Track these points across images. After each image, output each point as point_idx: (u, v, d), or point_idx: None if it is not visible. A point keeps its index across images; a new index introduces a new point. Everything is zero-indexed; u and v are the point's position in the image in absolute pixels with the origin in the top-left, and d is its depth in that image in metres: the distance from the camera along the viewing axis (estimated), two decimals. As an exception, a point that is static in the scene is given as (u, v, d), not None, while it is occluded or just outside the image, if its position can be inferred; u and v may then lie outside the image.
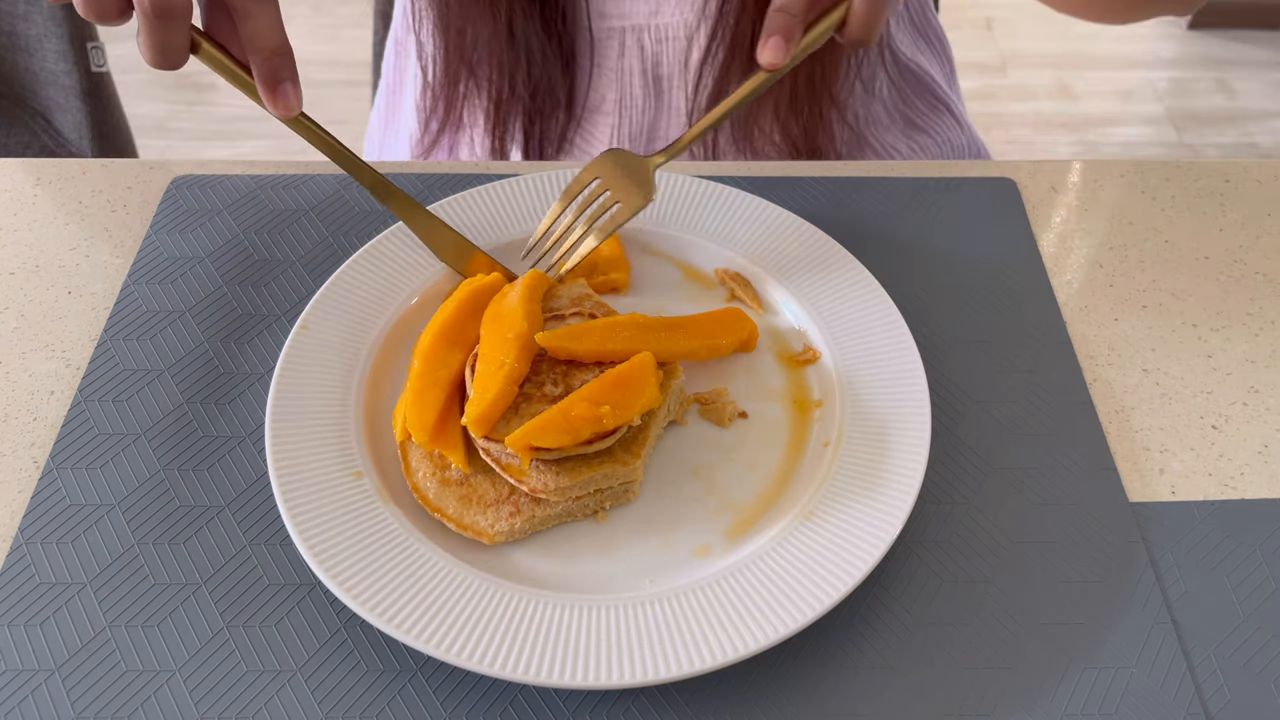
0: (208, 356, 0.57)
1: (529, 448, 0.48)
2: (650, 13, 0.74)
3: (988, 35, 2.32)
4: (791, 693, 0.45)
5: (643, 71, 0.76)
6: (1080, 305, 0.61)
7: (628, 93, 0.77)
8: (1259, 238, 0.65)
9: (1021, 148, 2.05)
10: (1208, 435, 0.55)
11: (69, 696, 0.45)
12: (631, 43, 0.75)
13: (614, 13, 0.74)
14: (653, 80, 0.76)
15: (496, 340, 0.52)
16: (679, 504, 0.51)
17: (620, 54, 0.75)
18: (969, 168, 0.69)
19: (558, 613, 0.46)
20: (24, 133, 0.96)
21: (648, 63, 0.75)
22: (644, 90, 0.76)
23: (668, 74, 0.76)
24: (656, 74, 0.76)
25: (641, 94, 0.77)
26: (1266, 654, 0.47)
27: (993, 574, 0.49)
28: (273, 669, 0.46)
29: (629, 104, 0.77)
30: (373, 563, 0.47)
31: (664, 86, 0.76)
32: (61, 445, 0.53)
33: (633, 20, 0.74)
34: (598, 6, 0.74)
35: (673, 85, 0.76)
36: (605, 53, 0.75)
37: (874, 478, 0.50)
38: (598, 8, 0.74)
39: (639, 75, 0.76)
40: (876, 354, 0.55)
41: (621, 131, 0.78)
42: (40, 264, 0.62)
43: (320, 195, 0.66)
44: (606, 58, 0.75)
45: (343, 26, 2.31)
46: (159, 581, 0.48)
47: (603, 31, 0.74)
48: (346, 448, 0.51)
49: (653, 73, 0.76)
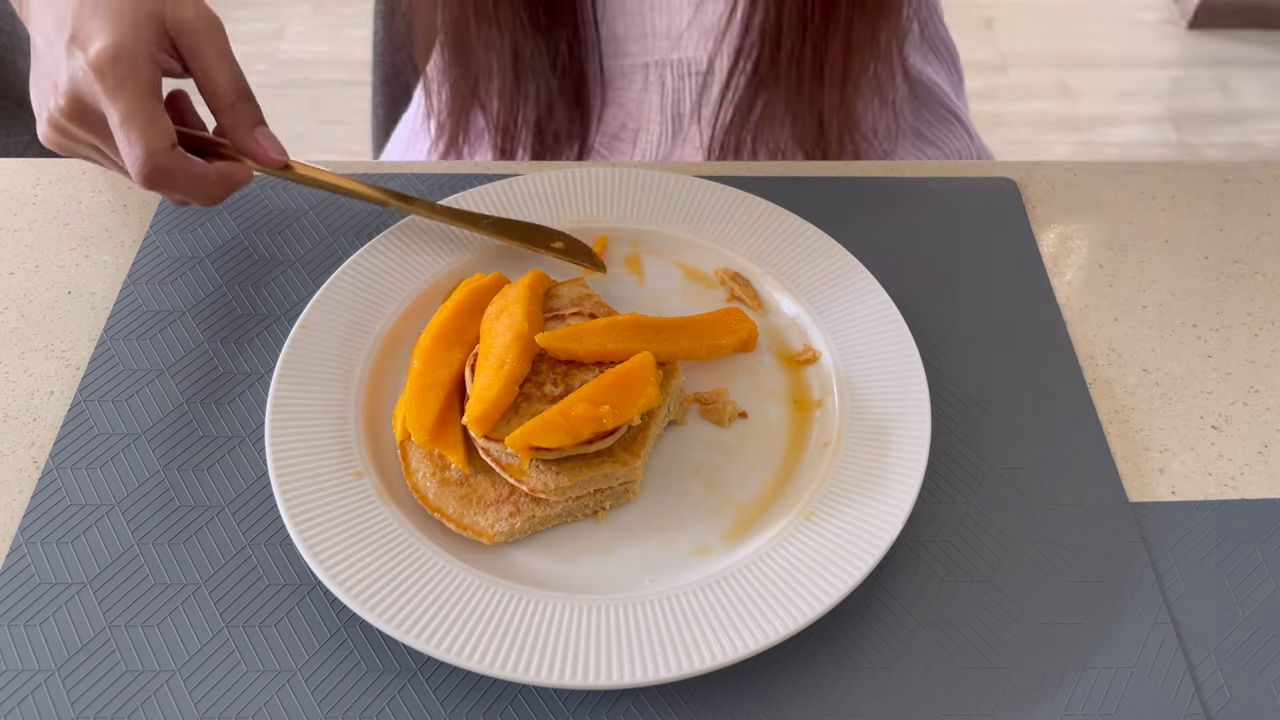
0: (208, 356, 0.57)
1: (529, 448, 0.48)
2: (671, 48, 0.73)
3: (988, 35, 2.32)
4: (791, 693, 0.45)
5: (661, 107, 0.76)
6: (1080, 305, 0.61)
7: (645, 126, 0.76)
8: (1259, 238, 0.65)
9: (1021, 148, 2.05)
10: (1208, 435, 0.55)
11: (69, 696, 0.45)
12: (654, 78, 0.74)
13: (635, 50, 0.73)
14: (672, 117, 0.76)
15: (496, 340, 0.52)
16: (679, 504, 0.51)
17: (643, 88, 0.75)
18: (969, 168, 0.69)
19: (558, 613, 0.46)
20: (24, 133, 0.96)
21: (668, 98, 0.75)
22: (661, 125, 0.76)
23: (688, 110, 0.76)
24: (677, 110, 0.76)
25: (659, 128, 0.76)
26: (1266, 654, 0.47)
27: (993, 574, 0.49)
28: (273, 669, 0.46)
29: (646, 136, 0.77)
30: (373, 563, 0.47)
31: (683, 122, 0.76)
32: (61, 445, 0.53)
33: (654, 56, 0.74)
34: (619, 46, 0.73)
35: (691, 119, 0.76)
36: (625, 87, 0.75)
37: (874, 478, 0.50)
38: (618, 47, 0.73)
39: (657, 110, 0.76)
40: (876, 354, 0.55)
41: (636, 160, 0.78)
42: (40, 264, 0.62)
43: (320, 195, 0.66)
44: (627, 91, 0.75)
45: (343, 26, 2.31)
46: (159, 581, 0.48)
47: (622, 69, 0.74)
48: (346, 448, 0.51)
49: (673, 109, 0.76)
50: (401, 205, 0.60)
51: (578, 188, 0.63)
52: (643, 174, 0.64)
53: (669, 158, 0.78)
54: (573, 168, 0.64)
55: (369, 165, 0.68)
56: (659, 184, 0.63)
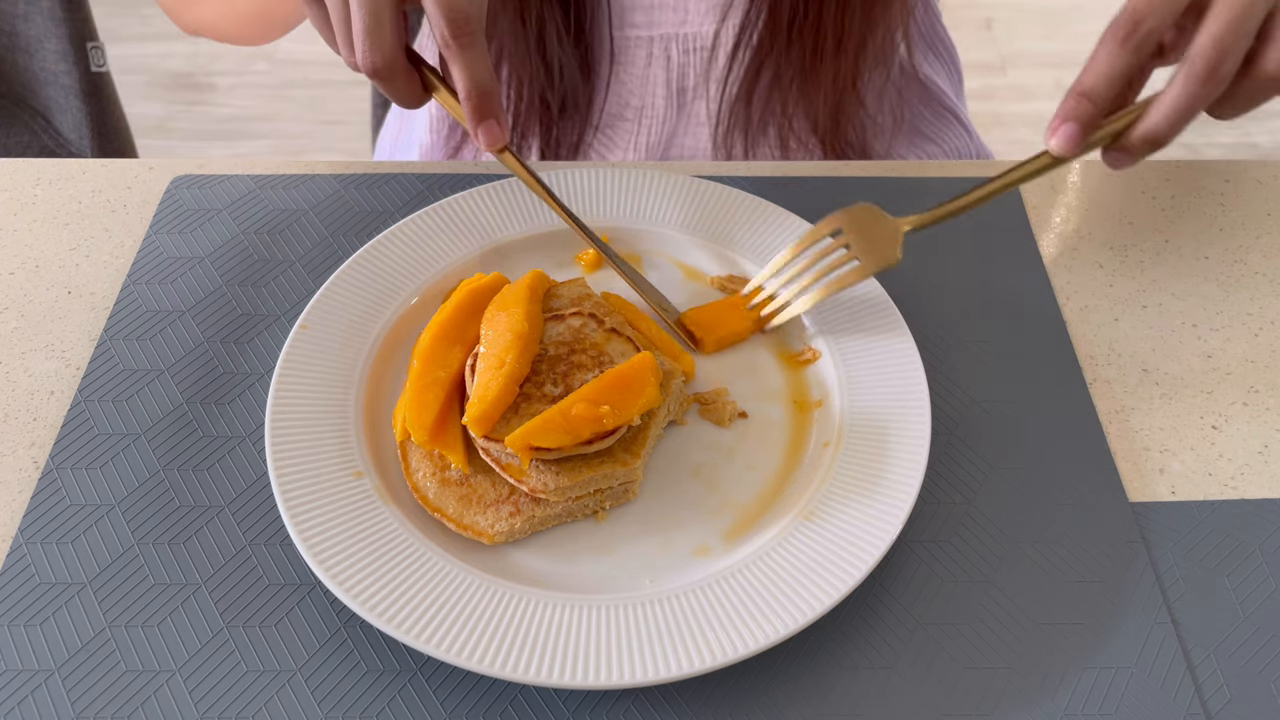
0: (208, 356, 0.57)
1: (529, 448, 0.48)
2: (678, 22, 0.73)
3: (988, 35, 2.32)
4: (791, 693, 0.45)
5: (667, 81, 0.76)
6: (1080, 305, 0.61)
7: (650, 102, 0.76)
8: (1259, 238, 0.65)
9: (1021, 148, 2.05)
10: (1208, 435, 0.55)
11: (69, 696, 0.45)
12: (659, 52, 0.74)
13: (642, 21, 0.74)
14: (676, 91, 0.76)
15: (497, 340, 0.52)
16: (679, 504, 0.51)
17: (647, 63, 0.75)
18: (968, 168, 0.69)
19: (558, 613, 0.46)
20: (24, 133, 0.96)
21: (673, 73, 0.75)
22: (666, 100, 0.76)
23: (693, 85, 0.76)
24: (681, 85, 0.76)
25: (664, 104, 0.76)
26: (1266, 654, 0.47)
27: (993, 574, 0.49)
28: (273, 669, 0.46)
29: (650, 113, 0.77)
30: (373, 563, 0.47)
31: (687, 98, 0.76)
32: (61, 445, 0.53)
33: (660, 30, 0.74)
34: (625, 16, 0.73)
35: (696, 95, 0.76)
36: (630, 62, 0.75)
37: (874, 478, 0.50)
38: (625, 17, 0.73)
39: (663, 85, 0.76)
40: (876, 354, 0.55)
41: (640, 140, 0.78)
42: (40, 264, 0.62)
43: (320, 195, 0.66)
44: (631, 67, 0.75)
45: (343, 26, 2.30)
46: (159, 581, 0.48)
47: (628, 41, 0.74)
48: (346, 448, 0.51)
49: (678, 84, 0.76)
50: (548, 200, 0.56)
51: (579, 187, 0.63)
52: (643, 174, 0.64)
53: (673, 137, 0.78)
54: (574, 168, 0.64)
55: (369, 165, 0.68)
56: (659, 184, 0.63)
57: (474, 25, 0.49)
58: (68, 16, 0.90)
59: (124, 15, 2.25)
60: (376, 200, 0.65)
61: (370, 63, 0.50)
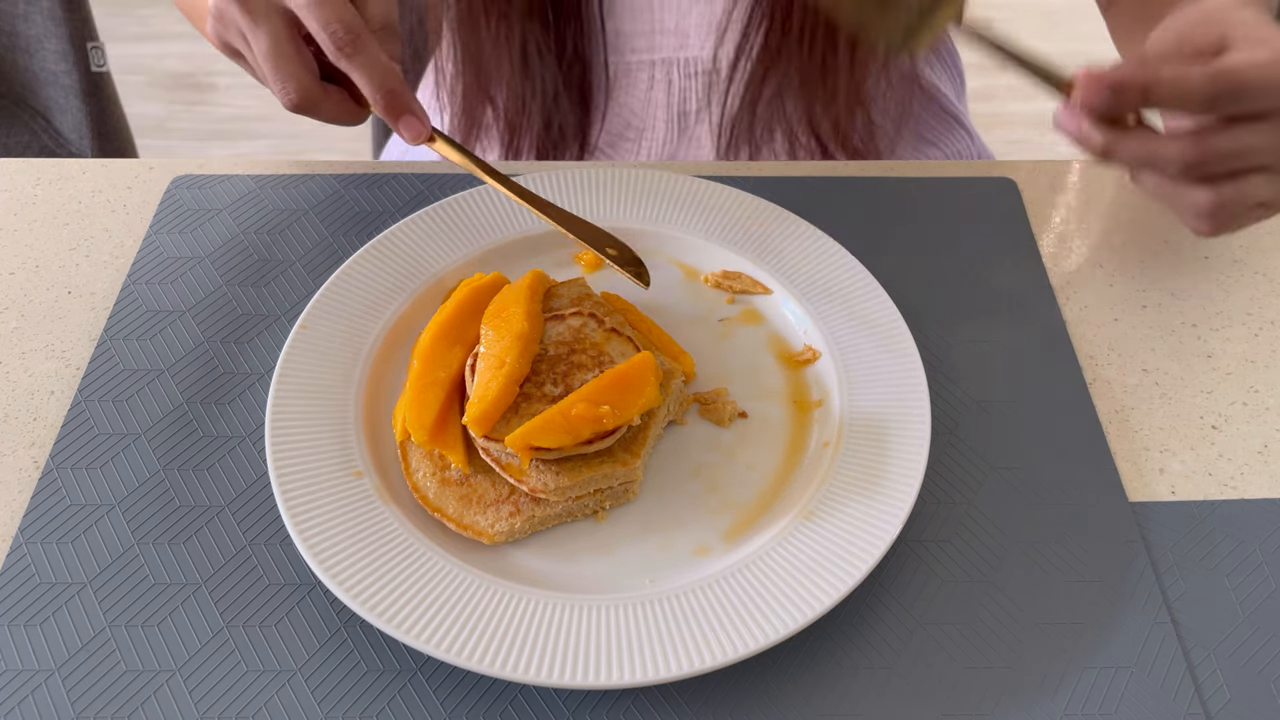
0: (208, 356, 0.57)
1: (529, 447, 0.48)
2: (678, 46, 0.73)
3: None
4: (791, 693, 0.45)
5: (668, 105, 0.75)
6: (1080, 305, 0.61)
7: (651, 125, 0.76)
8: (1259, 238, 0.65)
9: (1021, 148, 2.05)
10: (1208, 435, 0.55)
11: (69, 696, 0.45)
12: (660, 76, 0.74)
13: (642, 46, 0.73)
14: (678, 115, 0.76)
15: (497, 340, 0.52)
16: (679, 504, 0.51)
17: (649, 86, 0.75)
18: (969, 168, 0.69)
19: (558, 613, 0.46)
20: (24, 133, 0.96)
21: (674, 97, 0.75)
22: (667, 124, 0.76)
23: (695, 109, 0.76)
24: (683, 109, 0.76)
25: (665, 127, 0.76)
26: (1266, 654, 0.47)
27: (992, 574, 0.49)
28: (273, 669, 0.46)
29: (651, 135, 0.77)
30: (373, 563, 0.47)
31: (689, 120, 0.76)
32: (61, 445, 0.53)
33: (661, 54, 0.74)
34: (624, 41, 0.73)
35: (699, 119, 0.76)
36: (630, 86, 0.75)
37: (874, 478, 0.50)
38: (624, 43, 0.73)
39: (664, 109, 0.76)
40: (876, 354, 0.55)
41: (641, 159, 0.77)
42: (40, 264, 0.62)
43: (320, 195, 0.66)
44: (632, 90, 0.75)
45: (343, 26, 2.30)
46: (159, 581, 0.48)
47: (629, 65, 0.74)
48: (346, 448, 0.51)
49: (679, 107, 0.76)
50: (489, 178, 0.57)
51: (579, 187, 0.63)
52: (644, 174, 0.64)
53: (674, 158, 0.78)
54: (575, 168, 0.64)
55: (369, 165, 0.68)
56: (660, 184, 0.63)
57: (355, 32, 0.52)
58: (68, 16, 0.90)
59: (123, 15, 2.25)
60: (376, 200, 0.66)
61: (289, 100, 0.53)
